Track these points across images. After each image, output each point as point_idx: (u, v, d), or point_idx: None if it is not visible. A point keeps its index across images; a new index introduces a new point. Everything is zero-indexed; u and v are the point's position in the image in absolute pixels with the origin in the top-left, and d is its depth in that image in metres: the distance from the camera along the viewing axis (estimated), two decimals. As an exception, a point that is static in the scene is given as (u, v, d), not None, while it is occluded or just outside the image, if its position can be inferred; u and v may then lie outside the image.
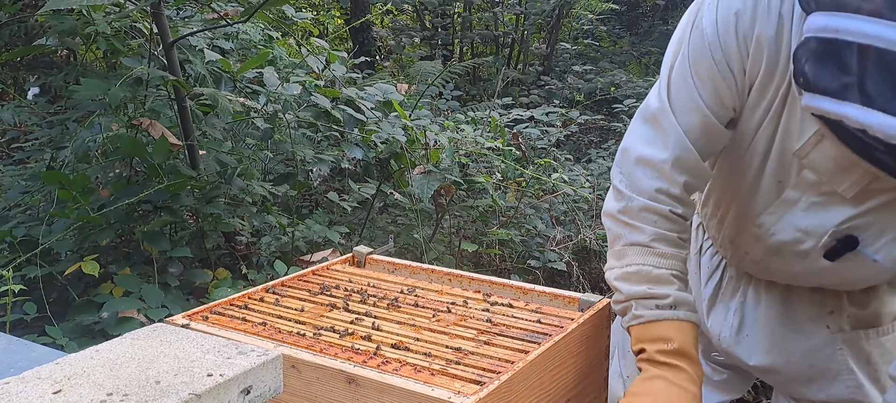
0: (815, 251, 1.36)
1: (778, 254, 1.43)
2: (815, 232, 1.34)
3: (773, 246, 1.41)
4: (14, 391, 0.78)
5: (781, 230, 1.38)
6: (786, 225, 1.37)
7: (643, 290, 1.30)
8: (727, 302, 1.62)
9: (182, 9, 3.86)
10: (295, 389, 1.17)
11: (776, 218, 1.38)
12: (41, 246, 2.57)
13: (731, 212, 1.49)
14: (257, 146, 3.59)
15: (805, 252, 1.37)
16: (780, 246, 1.40)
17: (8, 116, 4.08)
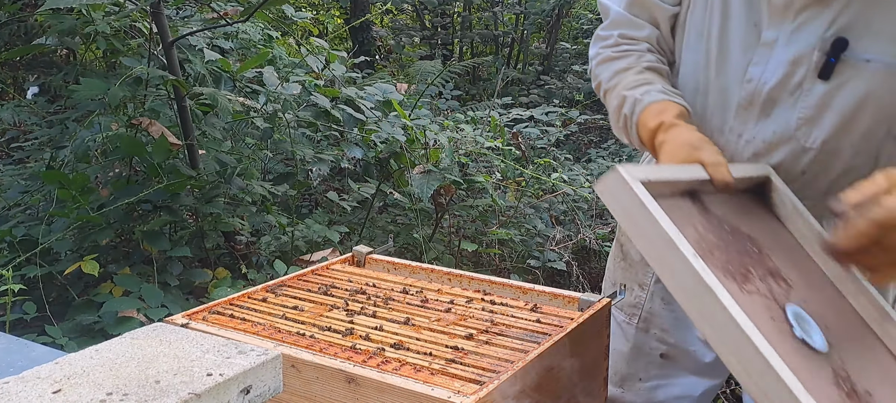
0: (809, 77, 1.34)
1: (773, 108, 1.39)
2: (804, 54, 1.34)
3: (768, 97, 1.38)
4: (13, 390, 0.78)
5: (772, 71, 1.37)
6: (775, 66, 1.37)
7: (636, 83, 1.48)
8: None
9: (182, 8, 3.86)
10: (295, 389, 1.17)
11: (763, 64, 1.37)
12: (41, 246, 2.57)
13: (711, 94, 1.46)
14: (257, 146, 3.59)
15: (799, 84, 1.35)
16: (774, 95, 1.37)
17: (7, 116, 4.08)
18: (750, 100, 1.40)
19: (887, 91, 1.32)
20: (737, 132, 1.44)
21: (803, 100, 1.36)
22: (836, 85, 1.33)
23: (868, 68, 1.31)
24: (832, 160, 1.39)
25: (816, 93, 1.35)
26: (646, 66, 1.51)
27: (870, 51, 1.30)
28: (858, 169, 1.38)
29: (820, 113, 1.36)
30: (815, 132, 1.37)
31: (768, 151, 1.42)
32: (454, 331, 1.30)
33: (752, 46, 1.38)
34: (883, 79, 1.31)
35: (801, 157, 1.40)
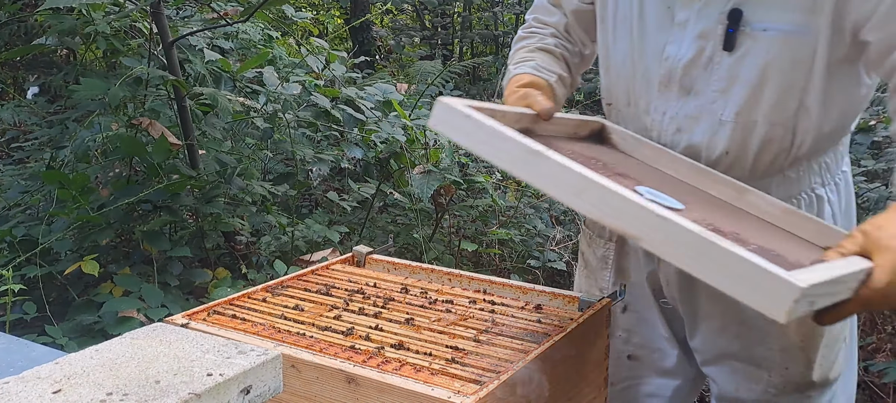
0: (717, 50, 1.41)
1: (691, 84, 1.46)
2: (710, 28, 1.41)
3: (684, 73, 1.45)
4: (13, 390, 0.78)
5: (686, 48, 1.44)
6: (688, 43, 1.44)
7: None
8: None
9: (182, 8, 3.86)
10: (295, 389, 1.17)
11: (678, 43, 1.45)
12: (41, 246, 2.57)
13: (637, 78, 1.53)
14: (257, 146, 3.59)
15: (710, 58, 1.43)
16: (690, 71, 1.45)
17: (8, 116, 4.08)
18: (668, 77, 1.48)
19: (788, 60, 1.38)
20: (661, 111, 1.51)
21: (715, 73, 1.43)
22: (740, 55, 1.40)
23: (765, 37, 1.38)
24: (749, 134, 1.44)
25: (724, 65, 1.42)
26: (538, 46, 1.68)
27: (765, 20, 1.37)
28: (776, 142, 1.44)
29: (730, 85, 1.43)
30: (728, 104, 1.44)
31: (690, 127, 1.48)
32: (454, 331, 1.30)
33: (668, 28, 1.47)
34: (782, 48, 1.37)
35: (719, 132, 1.45)
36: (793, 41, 1.37)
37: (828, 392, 1.59)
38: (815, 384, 1.55)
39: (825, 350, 1.54)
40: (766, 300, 0.96)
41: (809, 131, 1.44)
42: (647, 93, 1.52)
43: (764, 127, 1.43)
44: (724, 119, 1.44)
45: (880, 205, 3.30)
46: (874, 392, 2.82)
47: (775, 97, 1.41)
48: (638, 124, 1.55)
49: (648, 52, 1.50)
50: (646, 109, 1.53)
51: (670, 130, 1.50)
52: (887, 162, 3.52)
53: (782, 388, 1.56)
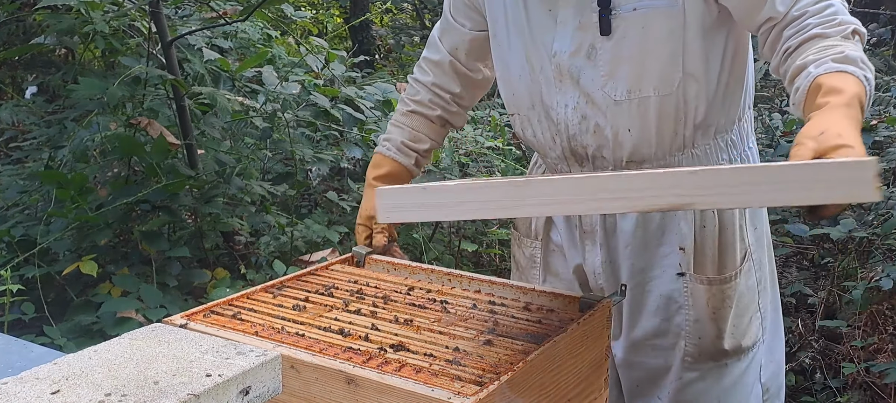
0: (597, 37, 1.53)
1: (579, 73, 1.56)
2: (586, 19, 1.53)
3: (571, 65, 1.56)
4: (12, 391, 0.78)
5: (568, 42, 1.56)
6: (570, 36, 1.55)
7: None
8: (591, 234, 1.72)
9: (180, 7, 3.85)
10: (294, 389, 1.17)
11: (563, 39, 1.56)
12: (39, 246, 2.57)
13: (536, 80, 1.63)
14: (256, 145, 3.58)
15: (592, 46, 1.54)
16: (575, 62, 1.56)
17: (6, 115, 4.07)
18: (559, 72, 1.59)
19: (662, 32, 1.49)
20: (563, 104, 1.61)
21: (599, 59, 1.54)
22: (618, 37, 1.52)
23: (636, 16, 1.49)
24: (645, 109, 1.55)
25: (606, 49, 1.53)
26: (411, 109, 1.84)
27: (633, 1, 1.49)
28: (671, 113, 1.56)
29: (615, 66, 1.54)
30: (619, 85, 1.54)
31: (593, 114, 1.59)
32: (454, 332, 1.30)
33: (552, 27, 1.58)
34: (653, 22, 1.49)
35: (618, 112, 1.56)
36: (661, 14, 1.49)
37: (744, 360, 1.70)
38: (728, 352, 1.67)
39: (735, 320, 1.66)
40: (853, 188, 0.97)
41: (701, 96, 1.55)
42: (549, 91, 1.63)
43: (656, 100, 1.54)
44: (618, 98, 1.55)
45: (881, 206, 3.30)
46: (875, 392, 2.82)
47: (658, 69, 1.52)
48: (547, 122, 1.66)
49: (540, 52, 1.61)
50: (551, 105, 1.63)
51: (575, 119, 1.61)
52: (888, 161, 3.52)
53: (697, 356, 1.67)
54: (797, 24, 1.41)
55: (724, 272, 1.64)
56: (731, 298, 1.64)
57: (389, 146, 1.81)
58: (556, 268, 1.81)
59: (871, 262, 3.24)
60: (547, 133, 1.68)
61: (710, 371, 1.68)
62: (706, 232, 1.63)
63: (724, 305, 1.64)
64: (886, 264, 3.01)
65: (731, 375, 1.69)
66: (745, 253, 1.67)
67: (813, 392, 2.96)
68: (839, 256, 3.43)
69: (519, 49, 1.66)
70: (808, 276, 3.64)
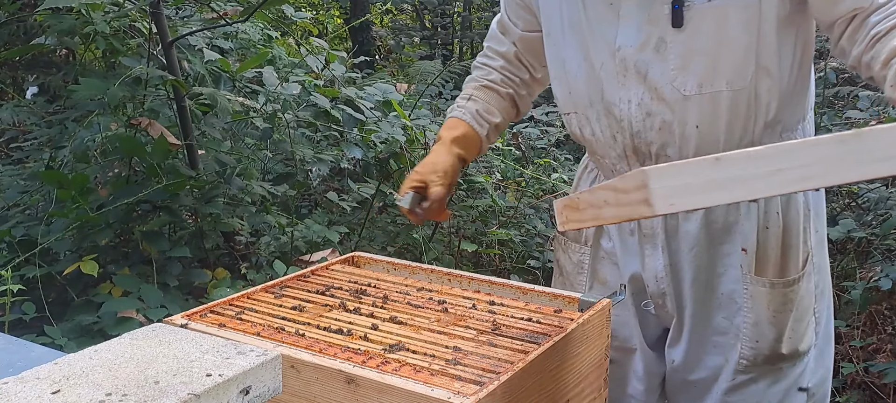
0: (668, 30, 1.48)
1: (646, 68, 1.52)
2: (657, 12, 1.48)
3: (638, 59, 1.52)
4: (12, 391, 0.78)
5: (634, 36, 1.51)
6: (636, 30, 1.51)
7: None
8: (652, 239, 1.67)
9: (181, 8, 3.85)
10: (294, 389, 1.17)
11: (628, 33, 1.52)
12: (40, 246, 2.57)
13: (598, 77, 1.59)
14: (256, 146, 3.59)
15: (661, 39, 1.49)
16: (642, 56, 1.51)
17: (7, 116, 4.07)
18: (624, 67, 1.54)
19: (738, 24, 1.45)
20: (626, 100, 1.56)
21: (670, 52, 1.49)
22: (691, 30, 1.47)
23: (711, 7, 1.45)
24: (716, 104, 1.50)
25: (678, 42, 1.48)
26: (483, 83, 1.80)
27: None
28: (743, 108, 1.51)
29: (687, 60, 1.49)
30: (689, 79, 1.49)
31: (659, 110, 1.54)
32: (454, 332, 1.30)
33: (614, 21, 1.54)
34: (729, 14, 1.44)
35: (687, 108, 1.51)
36: (738, 5, 1.44)
37: (799, 365, 1.66)
38: (784, 356, 1.62)
39: (795, 324, 1.61)
40: None
41: (773, 92, 1.51)
42: (611, 88, 1.58)
43: (728, 94, 1.49)
44: (688, 93, 1.50)
45: (880, 206, 3.30)
46: (874, 392, 2.82)
47: (732, 63, 1.47)
48: (608, 119, 1.61)
49: (601, 48, 1.57)
50: (614, 102, 1.58)
51: (639, 116, 1.56)
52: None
53: (753, 360, 1.63)
54: (884, 11, 1.37)
55: (786, 275, 1.60)
56: (792, 302, 1.60)
57: (465, 112, 1.75)
58: (603, 276, 1.76)
59: (870, 262, 3.24)
60: (607, 131, 1.63)
61: (764, 374, 1.64)
62: (769, 232, 1.59)
63: (786, 309, 1.60)
64: (885, 264, 3.01)
65: (786, 380, 1.65)
66: (808, 256, 1.63)
67: (813, 393, 2.96)
68: (838, 256, 3.44)
69: (576, 46, 1.61)
70: (807, 276, 3.63)
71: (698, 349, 1.68)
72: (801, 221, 1.61)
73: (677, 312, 1.68)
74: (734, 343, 1.64)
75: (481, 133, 1.74)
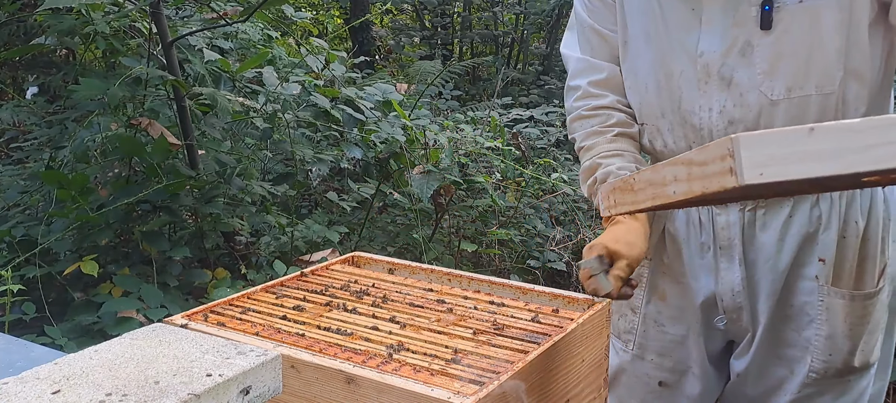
0: (755, 33, 1.44)
1: (731, 73, 1.47)
2: (743, 15, 1.44)
3: (723, 64, 1.47)
4: (12, 391, 0.78)
5: (719, 40, 1.47)
6: (721, 34, 1.46)
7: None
8: (728, 250, 1.59)
9: (181, 8, 3.85)
10: (294, 389, 1.17)
11: (710, 37, 1.47)
12: (40, 246, 2.57)
13: (675, 84, 1.54)
14: (256, 146, 3.59)
15: (748, 43, 1.45)
16: (727, 61, 1.47)
17: (7, 116, 4.07)
18: (706, 73, 1.49)
19: (830, 26, 1.40)
20: (707, 108, 1.51)
21: (757, 56, 1.45)
22: (780, 32, 1.42)
23: (802, 8, 1.40)
24: (804, 109, 1.45)
25: (765, 45, 1.44)
26: (616, 133, 1.62)
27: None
28: (831, 112, 1.46)
29: (775, 63, 1.44)
30: (777, 83, 1.45)
31: (742, 116, 1.49)
32: (454, 332, 1.30)
33: (695, 27, 1.49)
34: (820, 16, 1.40)
35: (774, 113, 1.46)
36: (830, 6, 1.39)
37: (866, 377, 1.61)
38: (855, 369, 1.57)
39: (868, 337, 1.56)
40: None
41: (862, 95, 1.46)
42: (690, 95, 1.52)
43: (817, 98, 1.44)
44: (775, 98, 1.45)
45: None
46: (874, 392, 2.81)
47: (823, 65, 1.42)
48: (684, 129, 1.55)
49: (680, 55, 1.51)
50: (692, 111, 1.53)
51: (721, 125, 1.50)
52: (887, 162, 3.50)
53: (823, 373, 1.57)
54: None
55: (862, 287, 1.55)
56: (870, 315, 1.55)
57: (625, 172, 1.55)
58: (663, 290, 1.69)
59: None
60: (682, 142, 1.56)
61: (831, 386, 1.59)
62: (847, 242, 1.54)
63: (863, 322, 1.55)
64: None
65: (852, 392, 1.60)
66: (884, 267, 1.57)
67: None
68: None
69: (649, 56, 1.56)
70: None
71: (764, 361, 1.63)
72: (880, 230, 1.55)
73: (751, 326, 1.63)
74: (802, 356, 1.58)
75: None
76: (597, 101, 1.64)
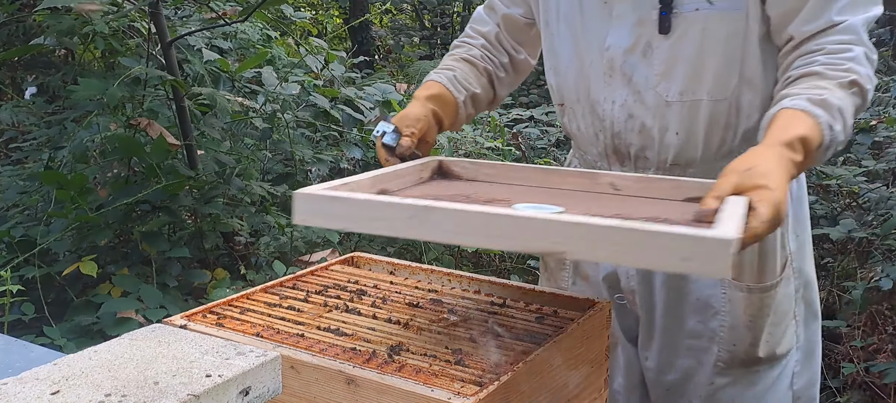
0: (654, 35, 1.49)
1: (632, 70, 1.53)
2: (645, 16, 1.49)
3: (624, 61, 1.53)
4: (12, 391, 0.78)
5: (623, 38, 1.52)
6: (626, 32, 1.52)
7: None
8: None
9: (180, 8, 3.85)
10: (294, 390, 1.17)
11: (620, 34, 1.53)
12: (39, 247, 2.57)
13: (585, 73, 1.60)
14: (256, 146, 3.58)
15: (648, 44, 1.51)
16: (629, 58, 1.53)
17: (6, 116, 4.07)
18: (610, 67, 1.56)
19: (723, 35, 1.46)
20: (610, 100, 1.58)
21: (655, 57, 1.51)
22: (677, 37, 1.48)
23: (698, 16, 1.46)
24: (696, 113, 1.51)
25: (663, 48, 1.50)
26: (462, 56, 1.77)
27: (697, 1, 1.45)
28: (723, 118, 1.52)
29: (671, 67, 1.50)
30: (672, 86, 1.51)
31: (641, 113, 1.55)
32: (454, 332, 1.30)
33: (606, 20, 1.55)
34: (715, 24, 1.46)
35: (667, 114, 1.53)
36: (724, 16, 1.45)
37: (777, 367, 1.67)
38: (761, 359, 1.63)
39: (772, 328, 1.62)
40: (707, 264, 0.96)
41: (755, 104, 1.52)
42: (597, 85, 1.59)
43: (708, 104, 1.51)
44: (670, 100, 1.52)
45: (881, 206, 3.30)
46: (875, 392, 2.82)
47: (715, 73, 1.48)
48: (592, 117, 1.63)
49: (591, 45, 1.58)
50: (598, 100, 1.60)
51: (622, 117, 1.58)
52: (887, 162, 3.51)
53: (729, 362, 1.64)
54: (809, 58, 1.40)
55: (764, 280, 1.61)
56: (769, 307, 1.61)
57: (441, 76, 1.70)
58: (585, 271, 1.77)
59: (871, 262, 3.24)
60: (590, 128, 1.64)
61: (741, 376, 1.65)
62: None
63: (762, 314, 1.61)
64: (886, 264, 3.01)
65: (762, 382, 1.66)
66: (787, 260, 1.63)
67: (813, 392, 2.96)
68: (839, 256, 3.44)
69: (569, 40, 1.62)
70: (807, 276, 3.63)
71: (670, 351, 1.69)
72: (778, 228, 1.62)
73: (645, 312, 1.68)
74: (708, 346, 1.65)
75: (459, 97, 1.69)
76: (468, 39, 1.82)
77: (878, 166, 3.62)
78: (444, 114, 1.66)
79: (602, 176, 1.46)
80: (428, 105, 1.63)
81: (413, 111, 1.60)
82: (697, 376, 1.67)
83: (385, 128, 1.55)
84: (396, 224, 1.12)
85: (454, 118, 1.70)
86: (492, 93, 1.81)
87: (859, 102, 1.38)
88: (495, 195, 1.41)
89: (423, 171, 1.55)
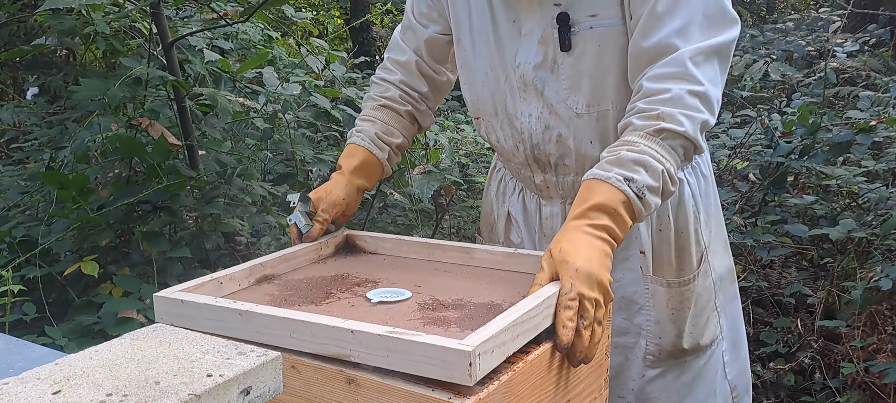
0: (558, 53, 1.56)
1: (543, 85, 1.60)
2: (547, 34, 1.56)
3: (535, 76, 1.60)
4: (13, 391, 0.78)
5: (532, 55, 1.59)
6: (534, 49, 1.58)
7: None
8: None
9: (181, 9, 3.85)
10: (295, 389, 1.17)
11: (528, 51, 1.59)
12: (40, 247, 2.57)
13: (500, 87, 1.66)
14: (257, 146, 3.59)
15: (554, 60, 1.57)
16: (539, 74, 1.59)
17: (7, 116, 4.07)
18: (523, 82, 1.62)
19: (618, 48, 1.53)
20: (526, 113, 1.65)
21: (561, 73, 1.58)
22: (578, 53, 1.55)
23: (593, 34, 1.53)
24: (605, 122, 1.59)
25: (567, 64, 1.57)
26: (382, 102, 1.80)
27: (588, 18, 1.52)
28: None
29: (576, 81, 1.57)
30: (580, 98, 1.58)
31: (556, 125, 1.62)
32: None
33: (516, 38, 1.61)
34: (610, 39, 1.52)
35: (579, 124, 1.60)
36: (614, 32, 1.52)
37: (703, 357, 1.76)
38: (686, 351, 1.72)
39: (694, 320, 1.71)
40: (451, 371, 1.04)
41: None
42: (512, 100, 1.65)
43: (614, 113, 1.58)
44: (580, 111, 1.59)
45: (880, 206, 3.30)
46: (875, 392, 2.82)
47: (616, 84, 1.55)
48: (511, 129, 1.69)
49: (505, 61, 1.64)
50: (514, 114, 1.66)
51: (539, 129, 1.64)
52: (887, 162, 3.51)
53: (658, 355, 1.72)
54: (632, 101, 1.47)
55: (683, 274, 1.69)
56: (689, 300, 1.70)
57: (363, 137, 1.75)
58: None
59: (871, 262, 3.24)
60: (510, 140, 1.70)
61: (670, 368, 1.74)
62: (662, 235, 1.69)
63: (683, 306, 1.69)
64: (885, 264, 3.01)
65: (690, 371, 1.74)
66: (702, 255, 1.71)
67: (812, 392, 2.97)
68: (838, 256, 3.44)
69: (484, 56, 1.67)
70: (807, 277, 3.64)
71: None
72: (690, 224, 1.69)
73: None
74: (636, 341, 1.73)
75: (381, 157, 1.75)
76: (386, 75, 1.84)
77: (877, 166, 3.61)
78: (369, 182, 1.75)
79: (477, 251, 1.58)
80: (354, 182, 1.70)
81: (334, 193, 1.67)
82: (628, 371, 1.75)
83: (297, 219, 1.64)
84: (228, 326, 1.22)
85: (379, 176, 1.78)
86: (416, 128, 1.87)
87: (681, 142, 1.42)
88: (374, 273, 1.54)
89: (325, 248, 1.66)
